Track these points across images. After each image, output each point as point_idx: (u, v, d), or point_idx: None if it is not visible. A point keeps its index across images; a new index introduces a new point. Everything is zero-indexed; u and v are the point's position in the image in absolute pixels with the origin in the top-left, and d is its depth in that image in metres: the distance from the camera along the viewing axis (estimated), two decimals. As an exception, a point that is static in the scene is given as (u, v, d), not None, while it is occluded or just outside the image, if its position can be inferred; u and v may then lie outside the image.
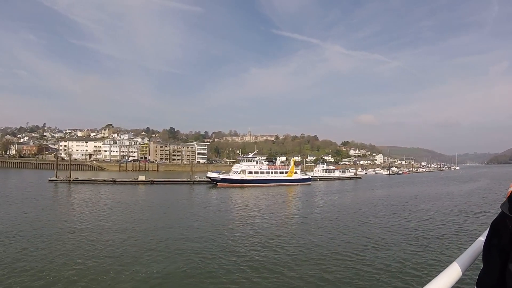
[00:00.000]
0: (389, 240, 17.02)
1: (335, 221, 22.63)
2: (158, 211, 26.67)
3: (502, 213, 0.98)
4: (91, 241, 16.29)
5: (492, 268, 1.00)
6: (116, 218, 22.82)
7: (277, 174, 57.04)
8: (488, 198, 37.01)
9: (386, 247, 15.60)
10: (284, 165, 62.79)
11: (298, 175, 59.45)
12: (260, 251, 15.07)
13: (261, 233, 18.68)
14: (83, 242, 16.18)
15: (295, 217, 25.30)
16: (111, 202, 32.11)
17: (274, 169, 58.25)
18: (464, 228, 20.33)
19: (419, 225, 21.01)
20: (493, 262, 1.00)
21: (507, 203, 0.96)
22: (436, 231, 19.28)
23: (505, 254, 0.97)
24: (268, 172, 56.21)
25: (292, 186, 55.59)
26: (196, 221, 22.36)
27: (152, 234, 17.88)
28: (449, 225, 21.11)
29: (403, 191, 48.67)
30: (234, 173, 55.02)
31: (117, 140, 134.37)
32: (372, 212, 26.27)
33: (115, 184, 56.51)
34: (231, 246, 15.80)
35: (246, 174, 54.00)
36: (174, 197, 38.82)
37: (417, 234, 18.36)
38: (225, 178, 53.76)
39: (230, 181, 53.01)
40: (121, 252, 14.61)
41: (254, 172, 54.68)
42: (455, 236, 17.96)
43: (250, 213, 26.62)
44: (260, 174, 55.04)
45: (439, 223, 21.61)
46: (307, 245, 15.89)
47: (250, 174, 54.25)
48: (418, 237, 17.58)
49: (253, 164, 55.58)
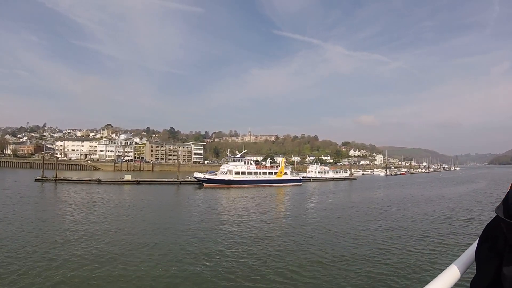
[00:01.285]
0: (349, 254, 14.79)
1: (306, 227, 21.45)
2: (138, 213, 26.22)
3: (496, 216, 0.95)
4: (61, 243, 15.97)
5: (485, 272, 0.98)
6: (94, 219, 22.59)
7: (266, 175, 55.74)
8: (481, 203, 33.93)
9: (335, 265, 13.46)
10: (273, 166, 61.35)
11: (288, 176, 58.10)
12: (236, 258, 14.35)
13: (238, 237, 17.95)
14: (54, 243, 15.91)
15: (277, 219, 24.28)
16: (91, 203, 31.92)
17: (263, 169, 56.97)
18: (444, 241, 17.37)
19: (392, 235, 18.65)
20: (487, 266, 0.98)
21: (501, 206, 0.94)
22: (408, 244, 16.61)
23: (499, 258, 0.94)
24: (256, 172, 54.95)
25: (281, 187, 54.30)
26: (171, 224, 21.60)
27: (126, 236, 17.61)
28: (427, 236, 18.56)
29: (393, 193, 47.15)
30: (221, 173, 53.87)
31: (113, 140, 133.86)
32: (347, 218, 24.60)
33: (101, 184, 56.03)
34: (205, 251, 15.17)
35: (233, 175, 52.80)
36: (156, 198, 38.16)
37: (384, 247, 15.90)
38: (211, 178, 52.61)
39: (216, 182, 51.86)
40: (97, 253, 14.37)
41: (242, 173, 53.45)
42: (430, 254, 14.85)
43: (230, 216, 25.57)
44: (247, 175, 53.79)
45: (417, 233, 19.11)
46: (284, 250, 15.44)
47: (237, 175, 53.03)
48: (383, 252, 15.12)
49: (241, 164, 54.36)
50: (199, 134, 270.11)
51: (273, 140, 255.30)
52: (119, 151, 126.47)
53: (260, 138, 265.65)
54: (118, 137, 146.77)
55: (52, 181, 58.54)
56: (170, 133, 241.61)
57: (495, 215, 0.97)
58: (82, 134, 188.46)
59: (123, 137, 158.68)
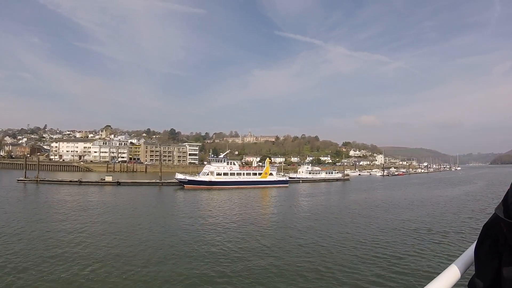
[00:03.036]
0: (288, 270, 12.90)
1: (271, 233, 19.90)
2: (107, 214, 25.74)
3: (496, 215, 0.94)
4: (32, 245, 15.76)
5: (484, 272, 0.97)
6: (67, 220, 22.53)
7: (250, 176, 54.04)
8: (474, 209, 30.06)
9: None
10: (259, 166, 59.67)
11: (273, 177, 56.30)
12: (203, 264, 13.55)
13: (206, 243, 16.82)
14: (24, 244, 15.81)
15: (254, 224, 22.74)
16: (67, 204, 31.27)
17: (247, 170, 55.28)
18: (413, 262, 13.69)
19: (354, 251, 15.46)
20: (486, 266, 0.97)
21: (501, 206, 0.93)
22: (372, 264, 13.52)
23: (498, 258, 0.93)
24: (239, 173, 53.30)
25: (266, 188, 52.58)
26: (139, 227, 20.84)
27: (98, 239, 17.35)
28: (393, 255, 14.73)
29: (379, 195, 44.86)
30: (203, 174, 52.38)
31: (107, 141, 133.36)
32: (317, 224, 22.60)
33: (81, 185, 55.45)
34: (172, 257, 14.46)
35: (214, 176, 51.27)
36: (132, 199, 37.64)
37: (335, 267, 13.21)
38: (192, 179, 51.16)
39: (197, 183, 50.42)
40: (66, 255, 14.21)
41: (224, 174, 51.89)
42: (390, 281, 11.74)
43: (202, 220, 24.20)
44: (230, 176, 52.21)
45: (384, 252, 15.31)
46: (252, 255, 14.77)
47: (219, 176, 51.49)
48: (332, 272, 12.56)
49: (223, 165, 52.79)
50: (200, 135, 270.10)
51: (273, 140, 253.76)
52: (113, 152, 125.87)
53: (260, 139, 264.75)
54: (113, 138, 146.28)
55: (34, 182, 58.70)
56: (171, 134, 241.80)
57: (494, 213, 0.95)
58: (81, 136, 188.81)
59: (121, 138, 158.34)
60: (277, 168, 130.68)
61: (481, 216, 25.85)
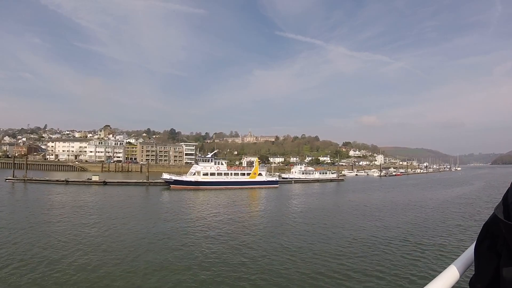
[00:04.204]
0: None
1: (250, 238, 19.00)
2: (87, 214, 25.61)
3: (495, 216, 0.93)
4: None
5: (484, 271, 0.97)
6: (47, 221, 22.47)
7: (238, 176, 52.99)
8: (465, 215, 27.20)
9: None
10: (248, 167, 58.58)
11: (262, 177, 55.17)
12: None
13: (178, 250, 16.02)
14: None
15: (232, 227, 21.81)
16: (48, 203, 31.33)
17: (235, 170, 54.20)
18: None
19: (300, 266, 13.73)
20: (485, 265, 0.97)
21: (501, 206, 0.92)
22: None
23: (497, 258, 0.93)
24: (227, 173, 52.27)
25: (255, 189, 51.48)
26: (120, 230, 20.44)
27: (68, 240, 17.11)
28: (347, 275, 12.74)
29: (368, 197, 43.35)
30: (190, 174, 51.45)
31: (103, 141, 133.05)
32: (280, 230, 21.25)
33: (68, 184, 55.12)
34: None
35: (201, 176, 50.31)
36: (115, 199, 37.18)
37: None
38: (178, 179, 50.24)
39: (183, 183, 49.54)
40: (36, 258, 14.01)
41: (211, 174, 50.90)
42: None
43: (181, 222, 23.33)
44: (217, 176, 51.22)
45: (338, 268, 13.43)
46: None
47: (206, 176, 50.52)
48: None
49: (210, 165, 51.78)
50: (200, 135, 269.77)
51: (272, 140, 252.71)
52: (108, 152, 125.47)
53: (260, 139, 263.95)
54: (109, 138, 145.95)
55: (21, 181, 58.62)
56: (170, 134, 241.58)
57: (493, 213, 0.94)
58: (80, 135, 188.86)
59: (119, 138, 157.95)
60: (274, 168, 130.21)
61: (471, 224, 23.22)
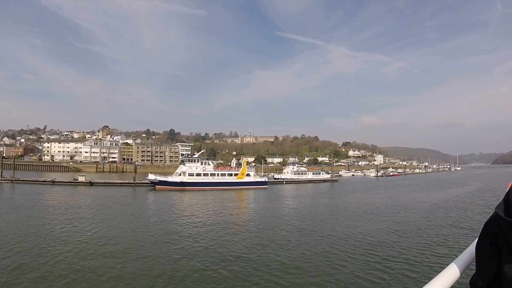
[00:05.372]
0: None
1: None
2: (64, 215, 25.30)
3: (496, 214, 0.93)
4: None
5: (485, 269, 0.97)
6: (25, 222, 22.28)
7: (225, 177, 51.92)
8: (454, 222, 23.89)
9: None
10: (235, 167, 57.46)
11: (250, 178, 54.04)
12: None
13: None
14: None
15: (212, 231, 20.54)
16: (29, 203, 31.21)
17: (221, 170, 53.11)
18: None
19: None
20: (487, 263, 0.97)
21: (502, 204, 0.92)
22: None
23: (499, 256, 0.93)
24: (213, 174, 51.22)
25: (242, 190, 50.32)
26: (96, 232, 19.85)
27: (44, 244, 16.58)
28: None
29: (355, 199, 41.76)
30: (175, 174, 50.49)
31: (98, 141, 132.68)
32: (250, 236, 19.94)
33: (54, 185, 54.75)
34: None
35: (186, 176, 49.31)
36: (98, 200, 36.64)
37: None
38: (163, 180, 49.31)
39: (168, 184, 48.61)
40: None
41: (196, 174, 49.88)
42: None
43: (159, 226, 22.23)
44: (203, 176, 50.18)
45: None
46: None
47: (191, 176, 49.50)
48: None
49: (196, 165, 50.76)
50: (199, 136, 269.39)
51: (272, 141, 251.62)
52: (104, 153, 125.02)
53: (260, 139, 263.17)
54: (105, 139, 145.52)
55: (9, 182, 58.55)
56: (170, 134, 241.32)
57: (494, 211, 0.95)
58: (79, 136, 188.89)
59: (117, 139, 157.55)
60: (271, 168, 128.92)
61: (456, 233, 20.15)
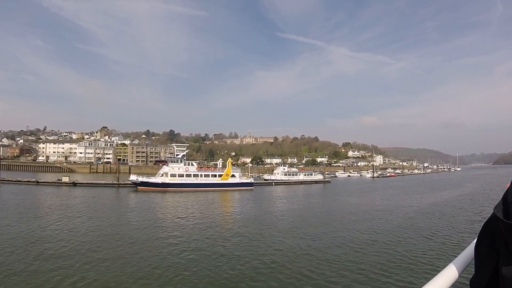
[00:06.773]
0: None
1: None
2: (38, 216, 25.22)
3: (494, 215, 0.92)
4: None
5: (484, 270, 0.96)
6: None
7: (208, 178, 50.68)
8: (445, 231, 20.96)
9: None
10: (221, 168, 56.18)
11: (236, 179, 52.73)
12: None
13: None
14: None
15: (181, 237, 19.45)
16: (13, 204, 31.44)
17: (205, 171, 51.84)
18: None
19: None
20: (485, 264, 0.96)
21: (501, 205, 0.91)
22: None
23: (497, 257, 0.93)
24: (196, 175, 50.00)
25: (227, 191, 49.01)
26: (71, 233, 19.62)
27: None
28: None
29: (340, 201, 40.17)
30: (158, 175, 49.38)
31: (92, 142, 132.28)
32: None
33: (38, 185, 54.31)
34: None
35: (168, 177, 48.16)
36: (77, 201, 36.42)
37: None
38: (144, 181, 48.22)
39: (149, 185, 47.52)
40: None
41: (179, 175, 48.71)
42: None
43: (132, 229, 21.43)
44: (186, 177, 48.99)
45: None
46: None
47: (174, 177, 48.34)
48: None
49: (179, 166, 49.58)
50: (199, 137, 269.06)
51: (271, 141, 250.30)
52: (98, 153, 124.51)
53: (260, 140, 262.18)
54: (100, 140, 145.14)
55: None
56: (170, 135, 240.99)
57: (492, 212, 0.94)
58: (77, 137, 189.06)
59: (115, 139, 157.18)
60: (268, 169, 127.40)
61: (437, 247, 17.26)
